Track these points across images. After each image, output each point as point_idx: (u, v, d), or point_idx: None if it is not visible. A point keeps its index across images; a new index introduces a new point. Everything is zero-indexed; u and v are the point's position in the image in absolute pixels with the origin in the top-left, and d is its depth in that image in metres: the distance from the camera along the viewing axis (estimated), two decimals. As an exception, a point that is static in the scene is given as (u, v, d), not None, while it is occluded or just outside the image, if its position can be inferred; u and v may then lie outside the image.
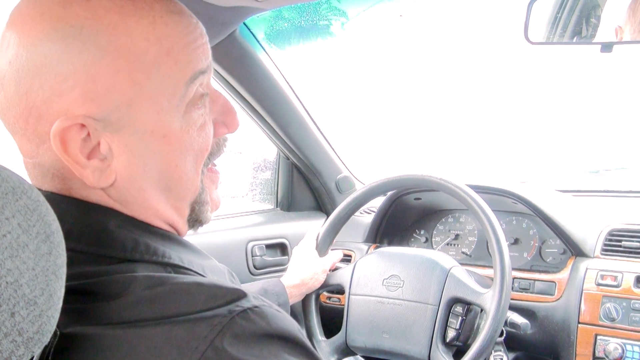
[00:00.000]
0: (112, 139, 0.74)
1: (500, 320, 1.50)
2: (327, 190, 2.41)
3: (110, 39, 0.72)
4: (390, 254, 1.77)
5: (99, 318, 0.68)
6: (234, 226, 2.17)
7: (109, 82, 0.72)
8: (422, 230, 2.19)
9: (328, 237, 1.83)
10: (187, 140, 0.79)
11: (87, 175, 0.74)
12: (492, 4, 2.85)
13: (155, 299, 0.68)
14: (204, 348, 0.63)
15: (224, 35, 1.71)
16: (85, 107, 0.72)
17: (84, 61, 0.71)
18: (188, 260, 0.78)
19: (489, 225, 1.58)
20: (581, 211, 1.95)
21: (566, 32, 1.59)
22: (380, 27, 3.01)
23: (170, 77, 0.76)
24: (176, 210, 0.83)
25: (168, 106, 0.76)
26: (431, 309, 1.61)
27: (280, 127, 2.14)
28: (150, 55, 0.74)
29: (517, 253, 1.95)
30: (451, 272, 1.63)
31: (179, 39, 0.77)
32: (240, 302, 0.68)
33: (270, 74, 1.98)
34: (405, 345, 1.62)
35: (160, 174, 0.78)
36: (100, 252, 0.73)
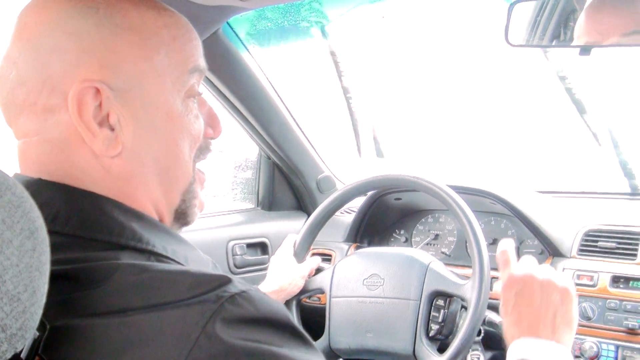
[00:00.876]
0: (122, 111, 0.78)
1: (482, 309, 1.51)
2: (308, 189, 2.41)
3: (124, 20, 0.78)
4: (369, 253, 1.78)
5: (87, 308, 0.68)
6: (214, 225, 2.17)
7: (124, 54, 0.78)
8: (402, 230, 2.21)
9: (305, 243, 1.82)
10: (186, 123, 0.84)
11: (97, 143, 0.77)
12: (470, 6, 2.88)
13: (141, 286, 0.69)
14: (196, 335, 0.64)
15: (207, 34, 1.71)
16: (101, 73, 0.76)
17: (101, 34, 0.77)
18: (172, 250, 0.79)
19: (469, 226, 1.59)
20: (559, 212, 1.98)
21: (546, 35, 1.61)
22: (363, 28, 3.03)
23: (176, 62, 0.82)
24: (167, 196, 0.85)
25: (172, 88, 0.82)
26: (413, 304, 1.62)
27: (261, 126, 2.14)
28: (160, 38, 0.81)
29: (496, 253, 1.97)
30: (430, 267, 1.65)
31: (183, 31, 0.84)
32: (227, 287, 0.69)
33: (253, 74, 1.99)
34: (390, 343, 1.63)
35: (161, 150, 0.82)
36: (86, 235, 0.74)
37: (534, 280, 1.15)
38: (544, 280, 1.15)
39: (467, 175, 2.99)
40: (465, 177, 2.14)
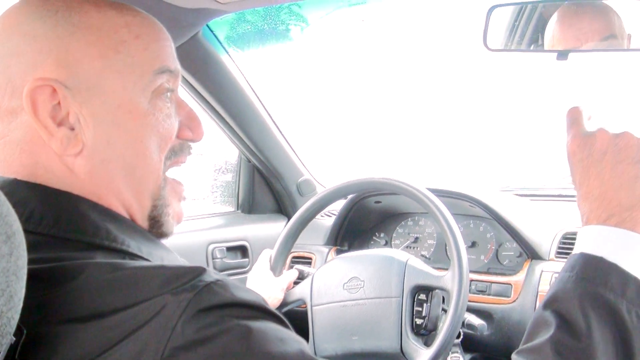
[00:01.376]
0: (81, 109, 0.78)
1: (465, 298, 1.51)
2: (288, 193, 2.41)
3: (82, 19, 0.79)
4: (346, 258, 1.78)
5: (63, 311, 0.68)
6: (194, 228, 2.16)
7: (80, 53, 0.78)
8: (382, 233, 2.21)
9: (281, 256, 1.81)
10: (152, 122, 0.83)
11: (55, 142, 0.77)
12: (450, 11, 2.91)
13: (116, 284, 0.69)
14: (173, 324, 0.65)
15: (187, 37, 1.71)
16: (57, 72, 0.77)
17: (57, 34, 0.77)
18: (147, 252, 0.79)
19: (448, 228, 1.60)
20: (537, 215, 2.00)
21: (524, 39, 1.63)
22: (343, 32, 3.04)
23: (139, 60, 0.81)
24: (137, 198, 0.84)
25: (135, 87, 0.81)
26: (395, 302, 1.62)
27: (242, 129, 2.14)
28: (119, 36, 0.80)
29: (475, 256, 1.99)
30: (408, 263, 1.65)
31: (148, 30, 0.84)
32: (203, 276, 0.69)
33: (233, 77, 1.98)
34: (376, 343, 1.63)
35: (125, 149, 0.81)
36: (60, 234, 0.74)
37: (608, 138, 0.88)
38: (622, 136, 0.88)
39: (446, 178, 3.01)
40: (444, 180, 2.16)
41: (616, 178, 0.85)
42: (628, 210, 0.83)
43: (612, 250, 0.81)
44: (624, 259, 0.80)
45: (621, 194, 0.84)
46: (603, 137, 0.88)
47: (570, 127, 0.93)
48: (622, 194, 0.84)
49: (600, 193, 0.86)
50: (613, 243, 0.82)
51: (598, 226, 0.84)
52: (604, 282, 0.79)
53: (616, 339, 0.76)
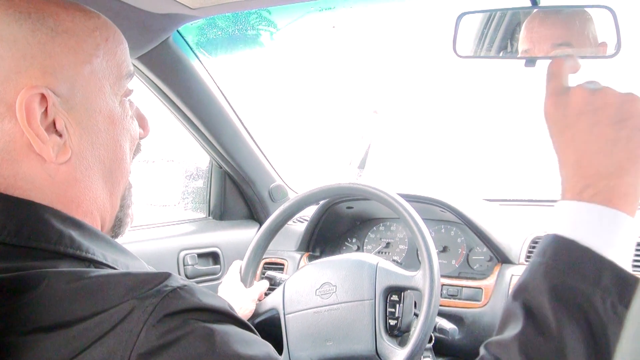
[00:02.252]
0: (67, 117, 0.77)
1: (437, 296, 1.52)
2: (260, 199, 2.41)
3: (57, 23, 0.78)
4: (317, 264, 1.78)
5: (25, 322, 0.67)
6: (165, 235, 2.15)
7: (64, 59, 0.77)
8: (354, 238, 2.22)
9: (250, 267, 1.79)
10: (126, 125, 0.85)
11: (47, 150, 0.75)
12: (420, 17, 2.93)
13: (81, 293, 0.68)
14: (138, 329, 0.65)
15: (157, 42, 1.70)
16: (45, 79, 0.75)
17: (38, 39, 0.76)
18: (112, 259, 0.78)
19: (419, 233, 1.61)
20: (507, 220, 2.02)
21: (493, 46, 1.65)
22: (314, 38, 3.05)
23: (112, 65, 0.83)
24: (110, 200, 0.85)
25: (110, 92, 0.82)
26: (368, 304, 1.62)
27: (213, 135, 2.13)
28: (94, 40, 0.81)
29: (446, 260, 2.00)
30: (379, 266, 1.65)
31: (112, 32, 0.85)
32: (168, 281, 0.69)
33: (203, 82, 1.98)
34: (351, 346, 1.63)
35: (106, 153, 0.82)
36: (23, 243, 0.72)
37: (584, 95, 0.79)
38: (600, 94, 0.78)
39: (417, 183, 3.03)
40: (415, 185, 2.17)
41: (592, 142, 0.75)
42: (605, 178, 0.74)
43: (586, 232, 0.72)
44: (598, 242, 0.71)
45: (598, 160, 0.75)
46: (578, 94, 0.78)
47: (548, 82, 0.83)
48: (599, 160, 0.75)
49: (576, 159, 0.76)
50: (587, 223, 0.73)
51: (572, 202, 0.75)
52: (576, 271, 0.70)
53: (588, 336, 0.68)
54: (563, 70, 0.82)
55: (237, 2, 1.42)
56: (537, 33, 1.46)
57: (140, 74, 1.84)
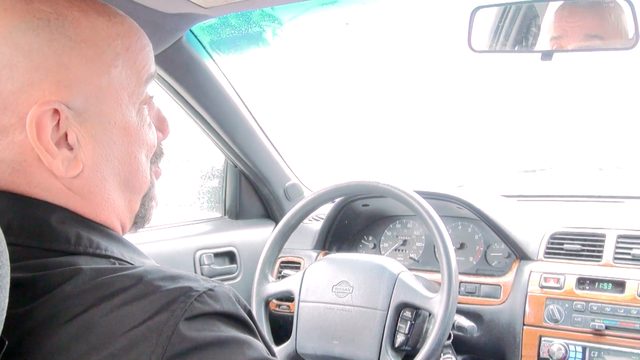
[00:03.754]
0: (80, 130, 0.75)
1: (448, 324, 1.52)
2: (275, 197, 2.40)
3: (77, 31, 0.75)
4: (339, 260, 1.78)
5: (47, 318, 0.67)
6: (181, 235, 2.15)
7: (80, 71, 0.74)
8: (370, 236, 2.21)
9: (269, 261, 1.81)
10: (142, 135, 0.82)
11: (56, 164, 0.74)
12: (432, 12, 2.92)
13: (104, 285, 0.68)
14: (169, 333, 0.64)
15: (171, 42, 1.70)
16: (59, 94, 0.73)
17: (54, 50, 0.73)
18: (130, 257, 0.78)
19: (436, 231, 1.60)
20: (524, 215, 2.00)
21: (508, 40, 1.63)
22: (327, 35, 3.05)
23: (132, 73, 0.80)
24: (129, 205, 0.84)
25: (128, 101, 0.80)
26: (380, 314, 1.62)
27: (227, 134, 2.13)
28: (114, 50, 0.78)
29: (463, 257, 1.98)
30: (399, 278, 1.65)
31: (135, 39, 0.81)
32: (195, 285, 0.69)
33: (217, 81, 1.97)
34: (355, 351, 1.63)
35: (120, 165, 0.80)
36: (43, 245, 0.72)
37: None
38: None
39: (433, 180, 3.01)
40: (431, 182, 2.16)
41: None
42: None
43: None
44: None
45: None
46: None
47: None
48: None
49: None
50: None
51: None
52: None
53: None
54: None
55: (249, 1, 1.41)
56: (570, 22, 1.44)
57: (154, 75, 1.84)
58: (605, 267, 1.71)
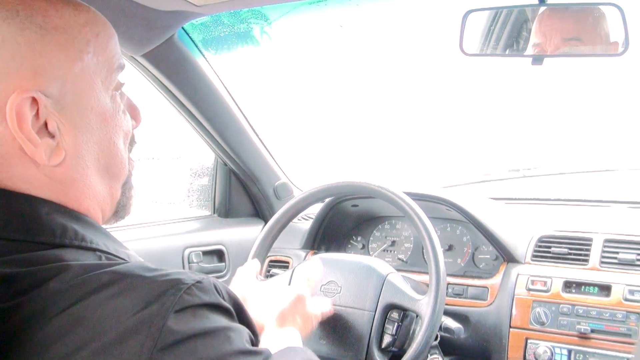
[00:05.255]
0: (59, 117, 0.76)
1: (435, 326, 1.52)
2: (265, 196, 2.41)
3: (46, 20, 0.76)
4: (328, 260, 1.78)
5: (35, 313, 0.67)
6: (170, 232, 2.15)
7: (55, 58, 0.75)
8: (359, 236, 2.21)
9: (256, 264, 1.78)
10: (118, 120, 0.84)
11: (39, 153, 0.74)
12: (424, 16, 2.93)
13: (90, 281, 0.69)
14: (160, 325, 0.65)
15: (162, 40, 1.70)
16: (36, 82, 0.74)
17: (27, 38, 0.74)
18: (114, 249, 0.79)
19: (425, 232, 1.60)
20: (512, 218, 2.01)
21: (499, 44, 1.64)
22: (320, 36, 3.05)
23: (104, 60, 0.81)
24: (110, 192, 0.85)
25: (102, 87, 0.81)
26: (368, 315, 1.62)
27: (218, 132, 2.12)
28: (84, 36, 0.79)
29: (452, 259, 1.99)
30: (388, 279, 1.65)
31: (103, 26, 0.83)
32: (184, 278, 0.70)
33: (209, 79, 1.97)
34: (342, 352, 1.63)
35: (100, 151, 0.81)
36: (28, 238, 0.72)
37: None
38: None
39: (421, 181, 3.02)
40: (420, 183, 2.16)
41: None
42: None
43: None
44: None
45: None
46: None
47: None
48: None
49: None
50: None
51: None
52: None
53: None
54: None
55: (242, 0, 1.41)
56: (548, 26, 1.45)
57: (146, 71, 1.84)
58: (592, 270, 1.73)
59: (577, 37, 1.47)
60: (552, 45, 1.47)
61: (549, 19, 1.48)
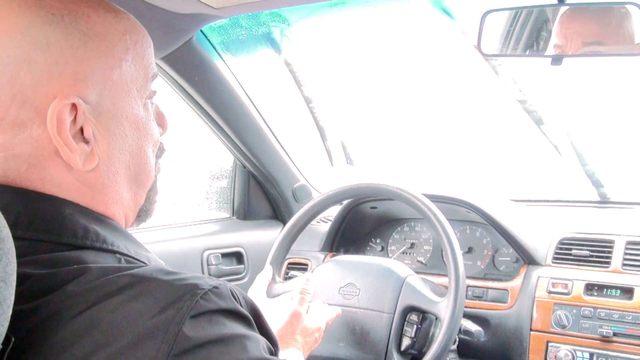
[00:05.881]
0: (95, 124, 0.77)
1: (455, 329, 1.51)
2: (283, 198, 2.41)
3: (89, 26, 0.77)
4: (346, 262, 1.78)
5: (53, 315, 0.67)
6: (189, 235, 2.15)
7: (95, 64, 0.76)
8: (378, 239, 2.21)
9: (277, 263, 1.78)
10: (149, 129, 0.85)
11: (74, 158, 0.75)
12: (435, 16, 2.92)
13: (107, 284, 0.68)
14: (175, 330, 0.65)
15: (181, 42, 1.70)
16: (77, 88, 0.75)
17: (71, 44, 0.74)
18: (134, 251, 0.79)
19: (444, 234, 1.59)
20: (533, 220, 1.99)
21: (519, 45, 1.63)
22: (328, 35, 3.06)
23: (140, 68, 0.82)
24: (134, 198, 0.86)
25: (136, 95, 0.82)
26: (386, 317, 1.61)
27: (236, 135, 2.13)
28: (124, 44, 0.80)
29: (471, 261, 1.98)
30: (407, 281, 1.64)
31: (142, 35, 0.84)
32: (201, 283, 0.70)
33: (227, 82, 1.98)
34: (361, 354, 1.62)
35: (131, 159, 0.82)
36: (51, 239, 0.73)
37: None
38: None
39: (440, 183, 3.00)
40: (439, 185, 2.15)
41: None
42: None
43: None
44: None
45: None
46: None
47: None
48: None
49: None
50: None
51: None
52: None
53: None
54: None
55: (260, 2, 1.41)
56: (570, 29, 1.44)
57: (164, 74, 1.84)
58: (614, 273, 1.70)
59: (598, 41, 1.45)
60: (573, 48, 1.46)
61: (570, 21, 1.47)
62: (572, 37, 1.45)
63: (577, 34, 1.45)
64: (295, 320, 1.37)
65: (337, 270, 1.74)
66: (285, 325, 1.35)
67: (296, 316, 1.37)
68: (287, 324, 1.36)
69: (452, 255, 1.57)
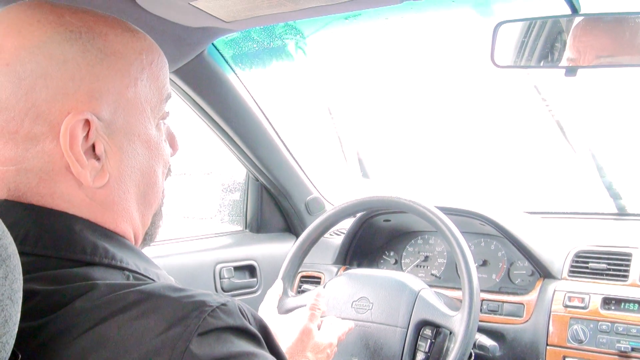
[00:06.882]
0: (108, 141, 0.77)
1: (469, 343, 1.50)
2: (296, 211, 2.40)
3: (106, 44, 0.77)
4: (359, 275, 1.76)
5: (61, 333, 0.66)
6: (202, 248, 2.15)
7: (111, 82, 0.77)
8: (391, 252, 2.19)
9: (287, 280, 1.75)
10: (160, 149, 0.85)
11: (84, 174, 0.75)
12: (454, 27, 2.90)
13: (115, 301, 0.68)
14: (182, 348, 0.64)
15: (193, 56, 1.71)
16: (91, 104, 0.75)
17: (87, 61, 0.75)
18: (144, 268, 0.79)
19: (458, 248, 1.58)
20: (548, 233, 1.97)
21: (533, 56, 1.62)
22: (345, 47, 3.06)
23: (155, 88, 0.83)
24: (142, 219, 0.86)
25: (150, 115, 0.82)
26: (400, 332, 1.60)
27: (249, 148, 2.13)
28: (140, 63, 0.80)
29: (486, 275, 1.96)
30: (420, 295, 1.63)
31: (158, 55, 0.84)
32: (209, 300, 0.69)
33: (239, 95, 1.98)
34: None
35: (141, 178, 0.83)
36: (59, 255, 0.73)
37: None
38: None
39: (455, 195, 2.98)
40: (454, 197, 2.13)
41: None
42: None
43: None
44: None
45: None
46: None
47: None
48: None
49: None
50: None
51: None
52: None
53: None
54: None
55: (271, 16, 1.41)
56: (583, 43, 1.43)
57: (177, 88, 1.85)
58: (632, 287, 1.68)
59: (612, 54, 1.44)
60: (587, 62, 1.45)
61: (583, 34, 1.45)
62: (585, 51, 1.44)
63: (590, 48, 1.44)
64: (305, 337, 1.36)
65: (350, 284, 1.73)
66: (295, 342, 1.34)
67: (307, 333, 1.36)
68: (297, 340, 1.34)
69: (466, 269, 1.55)
